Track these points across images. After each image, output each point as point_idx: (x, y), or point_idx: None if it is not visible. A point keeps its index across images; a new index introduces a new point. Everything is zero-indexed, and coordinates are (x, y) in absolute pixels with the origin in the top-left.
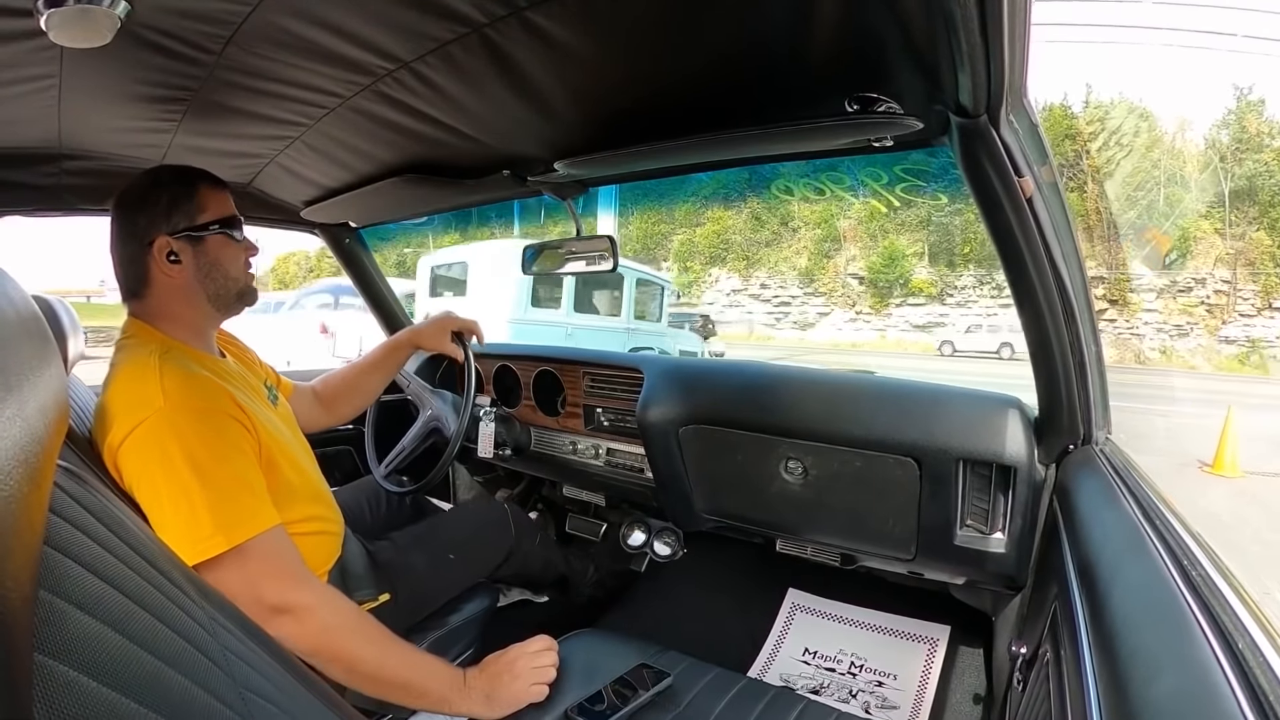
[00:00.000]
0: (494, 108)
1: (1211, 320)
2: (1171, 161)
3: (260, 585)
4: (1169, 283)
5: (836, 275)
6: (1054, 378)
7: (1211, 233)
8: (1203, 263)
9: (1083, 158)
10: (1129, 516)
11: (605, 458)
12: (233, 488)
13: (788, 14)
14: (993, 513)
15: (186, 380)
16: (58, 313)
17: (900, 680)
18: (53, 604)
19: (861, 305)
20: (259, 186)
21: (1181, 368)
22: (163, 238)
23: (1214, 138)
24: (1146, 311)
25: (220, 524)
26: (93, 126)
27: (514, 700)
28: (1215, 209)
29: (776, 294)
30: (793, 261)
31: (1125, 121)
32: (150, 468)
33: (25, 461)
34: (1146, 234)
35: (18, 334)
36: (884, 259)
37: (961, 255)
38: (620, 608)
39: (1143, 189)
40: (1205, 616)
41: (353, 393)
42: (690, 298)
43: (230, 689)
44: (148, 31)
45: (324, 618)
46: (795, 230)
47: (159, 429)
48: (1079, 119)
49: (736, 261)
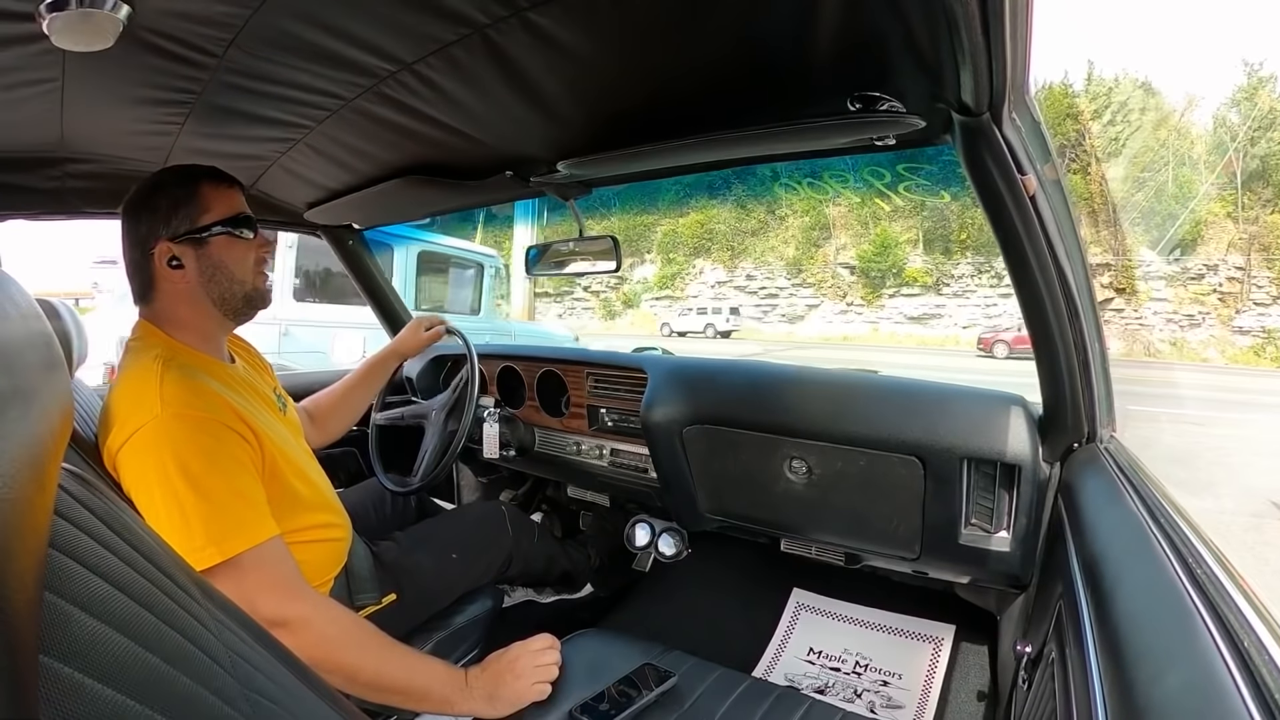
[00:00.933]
0: (496, 109)
1: (1224, 309)
2: (1180, 142)
3: (255, 598)
4: (1179, 270)
5: (826, 265)
6: (1058, 376)
7: (1223, 216)
8: (1215, 248)
9: (1085, 138)
10: (1134, 515)
11: (609, 458)
12: (227, 499)
13: (789, 14)
14: (997, 512)
15: (186, 388)
16: (62, 315)
17: (905, 680)
18: (58, 606)
19: (853, 296)
20: (262, 189)
21: (1193, 361)
22: (163, 243)
23: (1222, 116)
24: (1155, 300)
25: (212, 536)
26: (95, 130)
27: (517, 699)
28: (1227, 191)
29: (763, 285)
30: (780, 251)
31: (1130, 98)
32: (146, 475)
33: (30, 464)
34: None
35: (22, 337)
36: (876, 247)
37: (958, 241)
38: (624, 608)
39: (1150, 170)
40: (1210, 615)
41: (344, 410)
42: (673, 290)
43: (235, 690)
44: (150, 35)
45: (320, 629)
46: (783, 219)
47: (155, 436)
48: (1081, 97)
49: (721, 252)
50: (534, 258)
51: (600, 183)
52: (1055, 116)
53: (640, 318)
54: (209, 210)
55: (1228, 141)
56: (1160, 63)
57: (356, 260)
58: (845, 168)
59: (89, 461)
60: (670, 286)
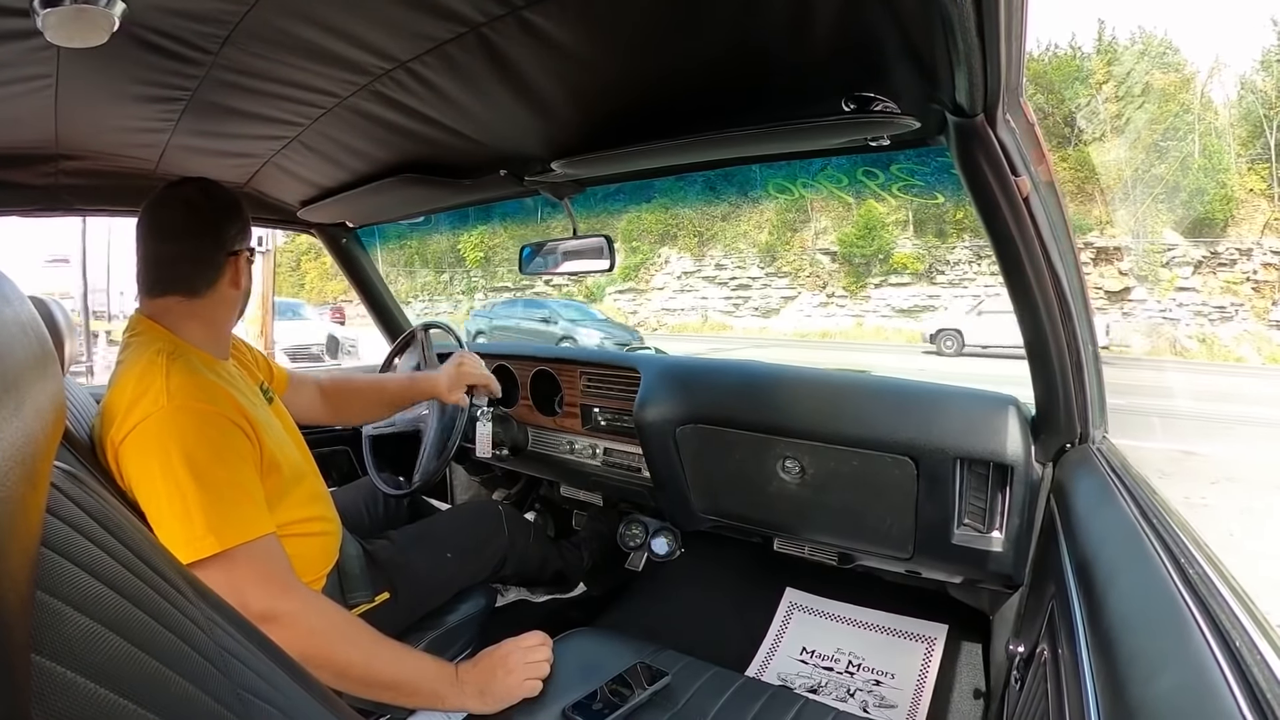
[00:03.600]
0: (491, 107)
1: (1260, 300)
2: (1206, 112)
3: (246, 592)
4: (1208, 254)
5: (804, 251)
6: (1051, 377)
7: (1259, 194)
8: (1247, 230)
9: (1095, 102)
10: (1126, 515)
11: (603, 457)
12: (228, 492)
13: (785, 14)
14: (990, 512)
15: (192, 382)
16: (54, 314)
17: (898, 679)
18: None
19: (834, 286)
20: (256, 186)
21: (1228, 361)
22: (245, 253)
23: (1251, 83)
24: (1181, 291)
25: (212, 526)
26: (89, 127)
27: (507, 695)
28: (1259, 165)
29: (734, 275)
30: (753, 237)
31: (1140, 64)
32: (149, 465)
33: (22, 463)
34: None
35: (15, 335)
36: (859, 230)
37: (953, 222)
38: (617, 607)
39: (1171, 138)
40: (1203, 615)
41: (365, 406)
42: (637, 282)
43: (228, 690)
44: (144, 31)
45: (310, 623)
46: (756, 201)
47: (160, 428)
48: (1091, 59)
49: (689, 239)
50: (528, 256)
51: (594, 182)
52: (1063, 79)
53: (608, 311)
54: (246, 234)
55: (1260, 110)
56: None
57: (350, 259)
58: (840, 167)
59: (82, 460)
60: (634, 278)
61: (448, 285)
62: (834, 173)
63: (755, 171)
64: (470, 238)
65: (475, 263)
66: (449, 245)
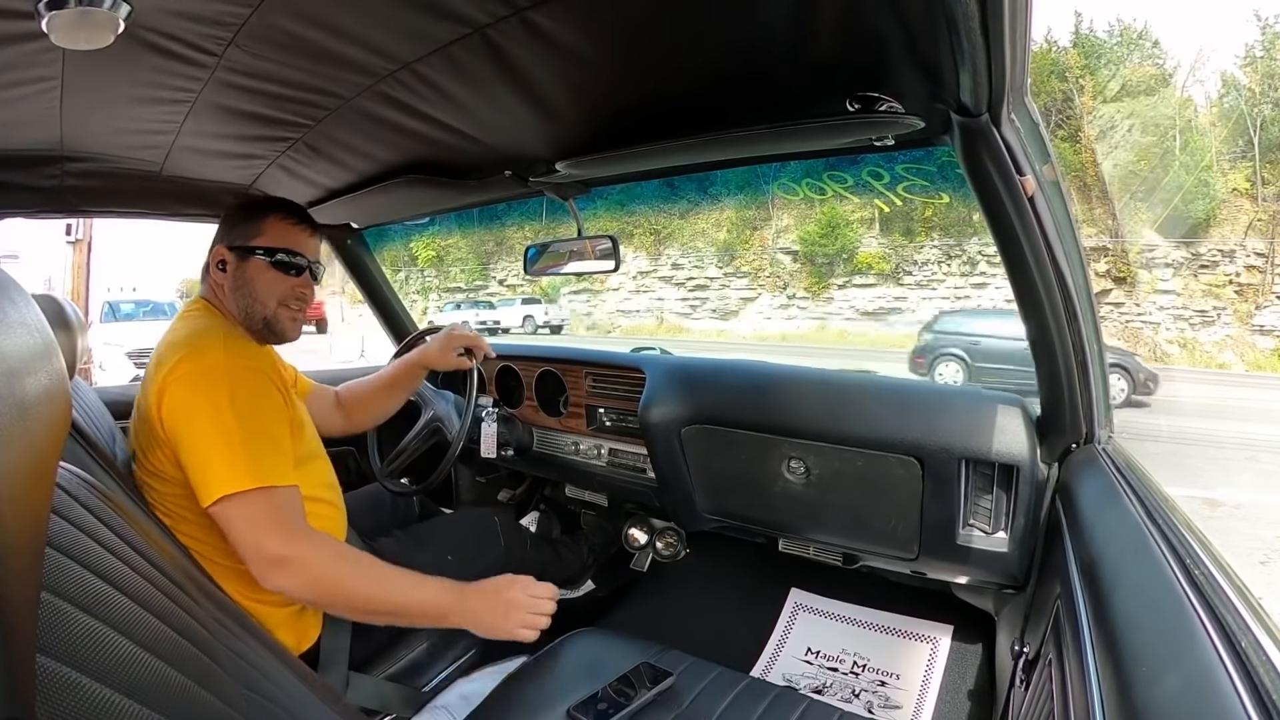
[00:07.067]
0: (495, 108)
1: (1243, 304)
2: (1187, 110)
3: (264, 533)
4: (1189, 255)
5: (764, 250)
6: (1056, 377)
7: (1242, 194)
8: (1230, 231)
9: (1075, 98)
10: (1132, 516)
11: (607, 458)
12: (266, 441)
13: (789, 14)
14: (995, 512)
15: (246, 348)
16: (65, 312)
17: (903, 680)
18: (55, 605)
19: (795, 287)
20: (261, 188)
21: (1208, 367)
22: (220, 247)
23: (1233, 79)
24: (1161, 294)
25: (251, 464)
26: (94, 128)
27: (501, 633)
28: (1241, 163)
29: (692, 275)
30: (711, 236)
31: (1125, 54)
32: (196, 402)
33: (27, 465)
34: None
35: (20, 337)
36: (822, 228)
37: (921, 220)
38: (622, 607)
39: (1155, 136)
40: (1208, 616)
41: (372, 406)
42: (592, 282)
43: (231, 689)
44: (149, 33)
45: (319, 565)
46: (716, 198)
47: (215, 374)
48: (1070, 52)
49: (644, 237)
50: (533, 257)
51: (599, 182)
52: (1040, 72)
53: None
54: (262, 235)
55: (1242, 107)
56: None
57: (355, 260)
58: (845, 167)
59: (89, 458)
60: (588, 279)
61: (402, 285)
62: (840, 173)
63: (757, 172)
64: (422, 238)
65: (427, 262)
66: (401, 244)
